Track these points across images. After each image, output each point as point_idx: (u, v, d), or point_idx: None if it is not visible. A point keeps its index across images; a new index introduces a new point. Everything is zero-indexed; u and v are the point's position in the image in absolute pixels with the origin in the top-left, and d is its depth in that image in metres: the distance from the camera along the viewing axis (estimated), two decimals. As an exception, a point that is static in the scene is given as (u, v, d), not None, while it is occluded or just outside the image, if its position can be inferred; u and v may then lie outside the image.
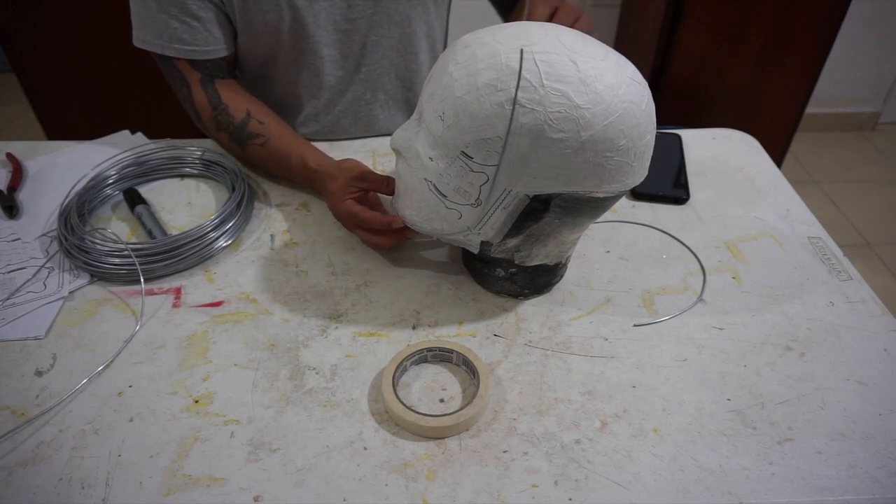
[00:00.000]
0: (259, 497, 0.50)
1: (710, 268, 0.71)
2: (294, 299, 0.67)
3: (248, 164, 0.84)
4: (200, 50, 0.78)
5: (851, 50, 2.21)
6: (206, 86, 0.81)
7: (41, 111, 1.74)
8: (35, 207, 0.80)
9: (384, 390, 0.55)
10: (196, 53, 0.78)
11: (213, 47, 0.79)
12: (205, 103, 0.81)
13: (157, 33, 0.77)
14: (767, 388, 0.58)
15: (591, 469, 0.52)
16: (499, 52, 0.52)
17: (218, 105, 0.81)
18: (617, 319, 0.65)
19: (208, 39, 0.78)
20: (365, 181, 0.70)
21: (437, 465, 0.52)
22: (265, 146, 0.80)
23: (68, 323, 0.64)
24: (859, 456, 0.53)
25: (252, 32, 0.80)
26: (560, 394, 0.58)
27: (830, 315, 0.66)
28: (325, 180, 0.73)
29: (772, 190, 0.84)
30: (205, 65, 0.80)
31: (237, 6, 0.77)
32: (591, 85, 0.50)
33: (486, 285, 0.68)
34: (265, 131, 0.80)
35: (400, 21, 0.86)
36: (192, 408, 0.56)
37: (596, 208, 0.58)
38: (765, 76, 1.69)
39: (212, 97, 0.81)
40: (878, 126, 2.50)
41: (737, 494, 0.50)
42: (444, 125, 0.54)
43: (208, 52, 0.79)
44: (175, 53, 0.78)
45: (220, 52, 0.80)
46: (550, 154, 0.52)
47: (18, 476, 0.51)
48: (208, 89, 0.81)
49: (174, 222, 0.77)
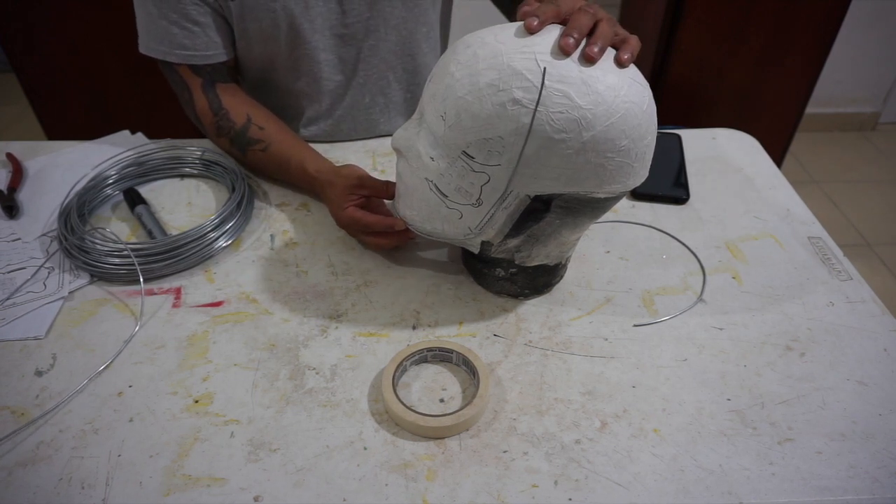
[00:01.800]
0: (259, 497, 0.50)
1: (710, 268, 0.71)
2: (294, 299, 0.67)
3: (249, 168, 0.84)
4: (200, 55, 0.79)
5: (851, 50, 2.21)
6: (207, 91, 0.81)
7: (41, 111, 1.74)
8: (35, 207, 0.79)
9: (384, 390, 0.55)
10: (196, 58, 0.79)
11: (212, 52, 0.79)
12: (206, 108, 0.81)
13: (159, 39, 0.77)
14: (767, 388, 0.58)
15: (591, 469, 0.52)
16: (501, 52, 0.52)
17: (218, 110, 0.81)
18: (617, 319, 0.65)
19: (208, 44, 0.78)
20: (364, 188, 0.70)
21: (437, 465, 0.52)
22: (266, 151, 0.80)
23: (68, 323, 0.64)
24: (859, 456, 0.53)
25: (249, 38, 0.81)
26: (560, 394, 0.58)
27: (830, 315, 0.66)
28: (324, 187, 0.74)
29: (772, 190, 0.84)
30: (205, 69, 0.80)
31: (234, 12, 0.78)
32: (592, 85, 0.50)
33: (486, 285, 0.68)
34: (265, 136, 0.80)
35: (397, 25, 0.86)
36: (192, 408, 0.56)
37: (596, 209, 0.58)
38: (765, 76, 1.69)
39: (212, 102, 0.81)
40: (878, 126, 2.50)
41: (737, 494, 0.50)
42: (446, 125, 0.54)
43: (208, 57, 0.79)
44: (176, 59, 0.78)
45: (219, 57, 0.80)
46: (552, 154, 0.52)
47: (18, 476, 0.51)
48: (209, 94, 0.81)
49: (174, 222, 0.77)
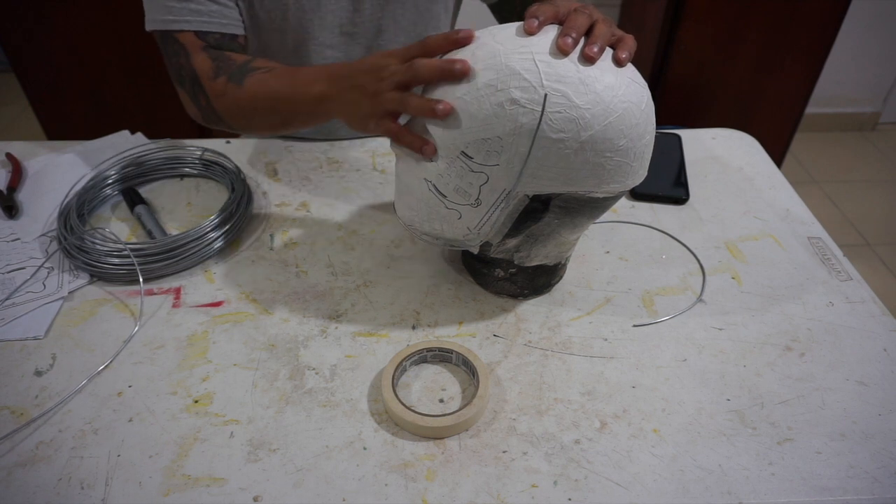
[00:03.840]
0: (259, 497, 0.50)
1: (710, 268, 0.71)
2: (294, 299, 0.67)
3: (236, 111, 0.73)
4: (216, 22, 0.75)
5: (851, 50, 2.21)
6: (210, 52, 0.75)
7: (41, 111, 1.74)
8: (35, 207, 0.80)
9: (384, 390, 0.55)
10: (208, 25, 0.75)
11: (227, 21, 0.76)
12: (204, 59, 0.74)
13: (168, 9, 0.73)
14: (767, 388, 0.58)
15: (590, 469, 0.52)
16: (498, 52, 0.52)
17: (219, 57, 0.74)
18: (616, 320, 0.65)
19: (223, 13, 0.75)
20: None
21: (436, 465, 0.52)
22: (271, 72, 0.71)
23: (68, 323, 0.64)
24: (859, 456, 0.53)
25: (257, 29, 0.79)
26: (560, 394, 0.58)
27: (830, 315, 0.66)
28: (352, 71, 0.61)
29: (772, 190, 0.84)
30: (213, 37, 0.76)
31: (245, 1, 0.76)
32: (590, 85, 0.50)
33: (486, 285, 0.68)
34: (272, 65, 0.73)
35: (406, 26, 0.86)
36: (192, 408, 0.56)
37: (595, 209, 0.58)
38: (765, 76, 1.69)
39: (213, 55, 0.75)
40: (878, 126, 2.50)
41: (736, 494, 0.50)
42: (444, 125, 0.54)
43: (223, 26, 0.76)
44: (187, 26, 0.74)
45: (234, 28, 0.77)
46: (550, 154, 0.52)
47: (18, 476, 0.51)
48: (211, 52, 0.75)
49: (174, 222, 0.77)
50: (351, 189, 0.83)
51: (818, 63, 1.68)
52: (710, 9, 1.57)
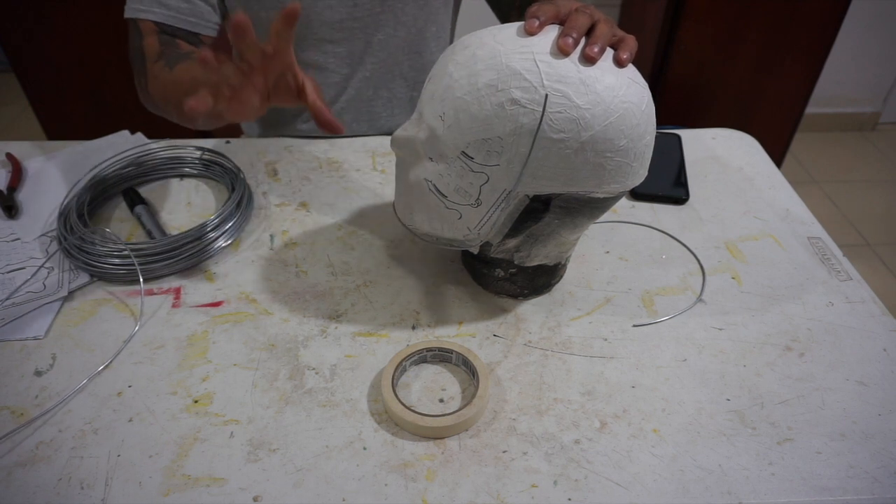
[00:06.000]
0: (259, 497, 0.50)
1: (710, 268, 0.71)
2: (294, 299, 0.67)
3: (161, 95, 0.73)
4: (182, 19, 0.75)
5: (851, 50, 2.21)
6: (162, 37, 0.75)
7: (41, 111, 1.74)
8: (35, 207, 0.79)
9: (384, 390, 0.55)
10: (174, 20, 0.75)
11: (196, 20, 0.76)
12: (153, 43, 0.74)
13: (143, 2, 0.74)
14: (767, 388, 0.58)
15: (590, 469, 0.52)
16: (499, 52, 0.52)
17: (168, 42, 0.74)
18: (616, 320, 0.65)
19: (193, 11, 0.76)
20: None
21: (436, 465, 0.52)
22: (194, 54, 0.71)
23: (68, 323, 0.64)
24: (859, 456, 0.53)
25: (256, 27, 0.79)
26: (559, 394, 0.58)
27: (830, 315, 0.66)
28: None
29: (772, 190, 0.84)
30: (180, 32, 0.76)
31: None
32: (591, 85, 0.50)
33: (486, 285, 0.68)
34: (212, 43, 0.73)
35: (406, 21, 0.86)
36: (192, 408, 0.56)
37: (595, 209, 0.58)
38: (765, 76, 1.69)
39: (164, 41, 0.74)
40: (878, 126, 2.50)
41: (736, 494, 0.50)
42: (445, 125, 0.54)
43: (190, 24, 0.76)
44: (152, 17, 0.74)
45: (201, 28, 0.77)
46: (550, 154, 0.52)
47: (18, 476, 0.51)
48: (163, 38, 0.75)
49: (174, 222, 0.77)
50: (351, 189, 0.83)
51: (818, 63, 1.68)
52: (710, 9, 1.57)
